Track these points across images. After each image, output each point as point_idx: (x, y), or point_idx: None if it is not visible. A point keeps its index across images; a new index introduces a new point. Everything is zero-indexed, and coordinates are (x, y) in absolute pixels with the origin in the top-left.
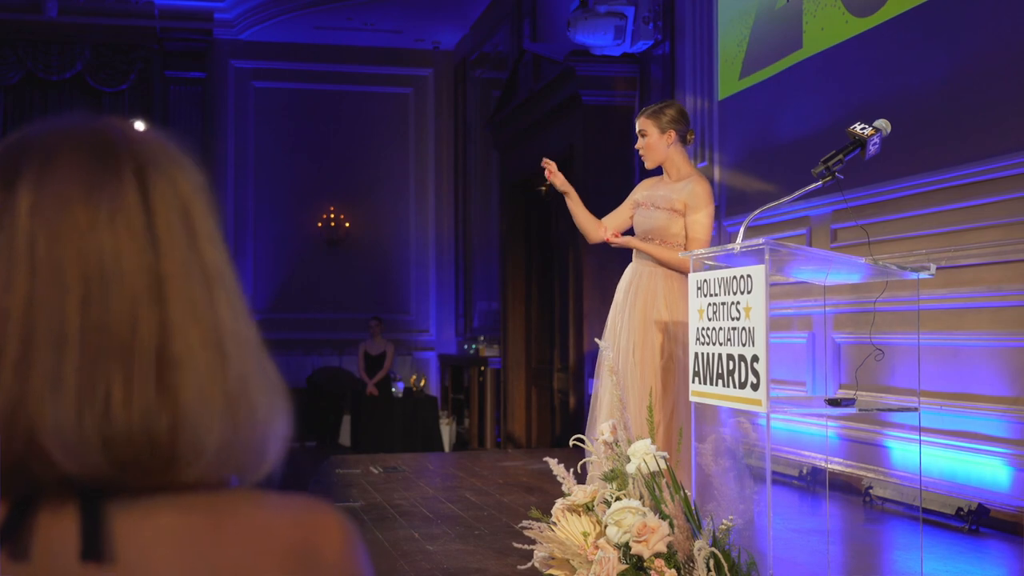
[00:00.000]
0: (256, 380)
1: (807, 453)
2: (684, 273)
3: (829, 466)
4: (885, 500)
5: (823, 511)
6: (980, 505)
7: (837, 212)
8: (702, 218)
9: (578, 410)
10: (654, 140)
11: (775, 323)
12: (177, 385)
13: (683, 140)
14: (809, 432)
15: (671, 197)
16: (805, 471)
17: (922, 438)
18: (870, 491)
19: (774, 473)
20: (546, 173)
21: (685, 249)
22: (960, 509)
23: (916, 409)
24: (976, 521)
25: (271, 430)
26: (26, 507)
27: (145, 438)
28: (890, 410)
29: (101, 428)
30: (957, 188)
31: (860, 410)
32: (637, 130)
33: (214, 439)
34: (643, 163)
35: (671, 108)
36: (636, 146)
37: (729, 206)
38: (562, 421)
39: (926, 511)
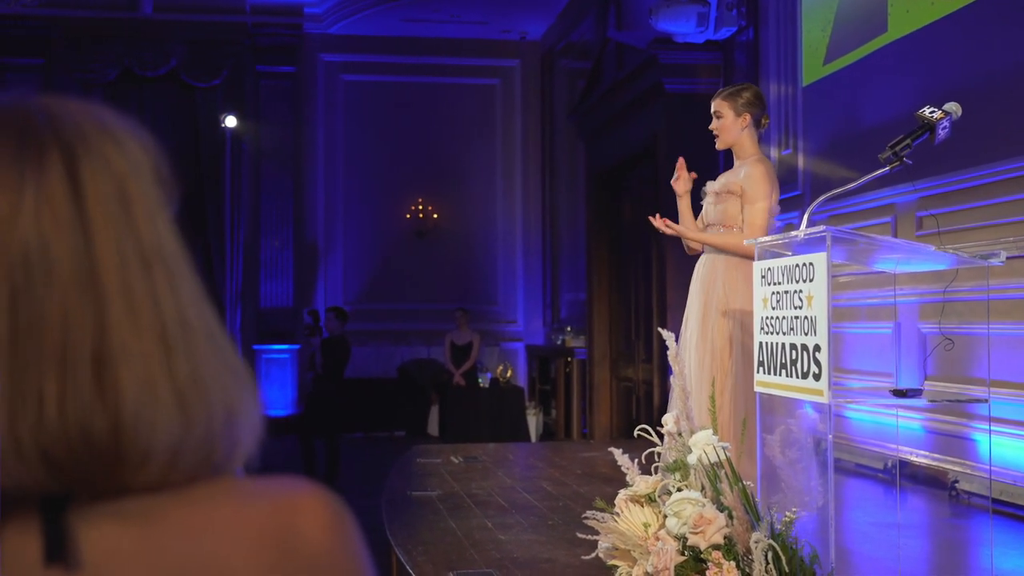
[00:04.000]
0: (210, 370)
1: (892, 446)
2: (746, 258)
3: (912, 459)
4: (971, 494)
5: (906, 504)
6: None
7: (923, 199)
8: (760, 205)
9: (662, 401)
10: (728, 122)
11: (856, 313)
12: (117, 383)
13: (757, 124)
14: (894, 425)
15: (730, 180)
16: (889, 464)
17: (1004, 430)
18: (956, 485)
19: (856, 466)
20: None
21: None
22: None
23: (986, 400)
24: None
25: (235, 421)
26: None
27: (82, 442)
28: (959, 401)
29: (36, 435)
30: None
31: (930, 401)
32: (712, 111)
33: (162, 439)
34: (720, 152)
35: (747, 91)
36: (710, 127)
37: (814, 193)
38: (646, 412)
39: (1017, 506)
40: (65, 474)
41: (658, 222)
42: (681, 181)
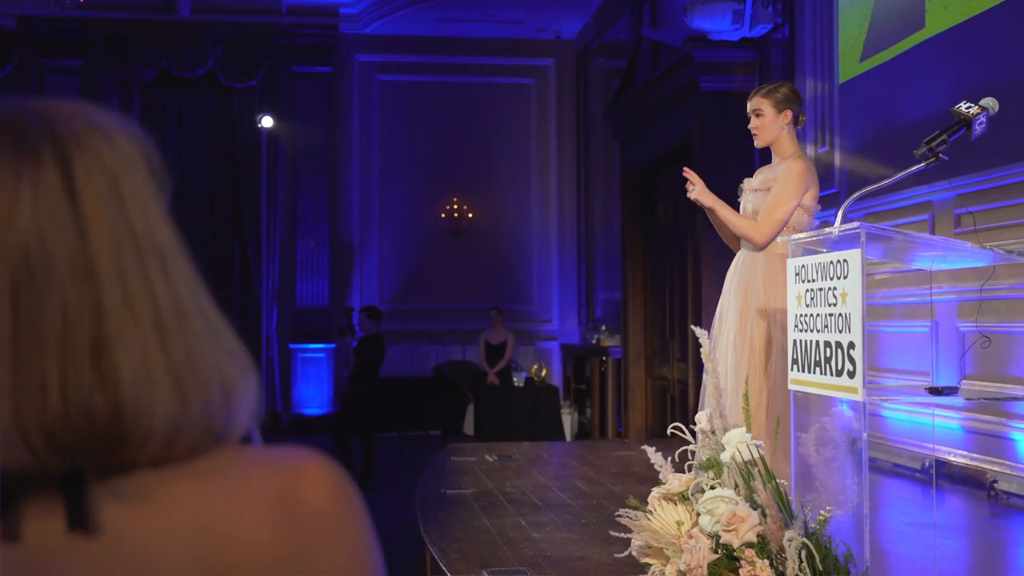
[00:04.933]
0: (206, 351)
1: (929, 446)
2: (752, 242)
3: (950, 458)
4: (1011, 494)
5: (944, 505)
6: None
7: (960, 197)
8: (788, 205)
9: (697, 400)
10: (769, 120)
11: (892, 311)
12: (115, 368)
13: (796, 121)
14: (930, 424)
15: (769, 178)
16: (926, 464)
17: None
18: (995, 485)
19: (893, 465)
20: (688, 188)
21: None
22: None
23: (1022, 398)
24: None
25: (232, 398)
26: (12, 494)
27: (85, 425)
28: (997, 399)
29: (40, 421)
30: None
31: (966, 399)
32: (750, 110)
33: (161, 417)
34: (759, 151)
35: (784, 87)
36: (749, 126)
37: (850, 191)
38: (681, 411)
39: None
40: (71, 456)
41: (693, 183)
42: (698, 188)
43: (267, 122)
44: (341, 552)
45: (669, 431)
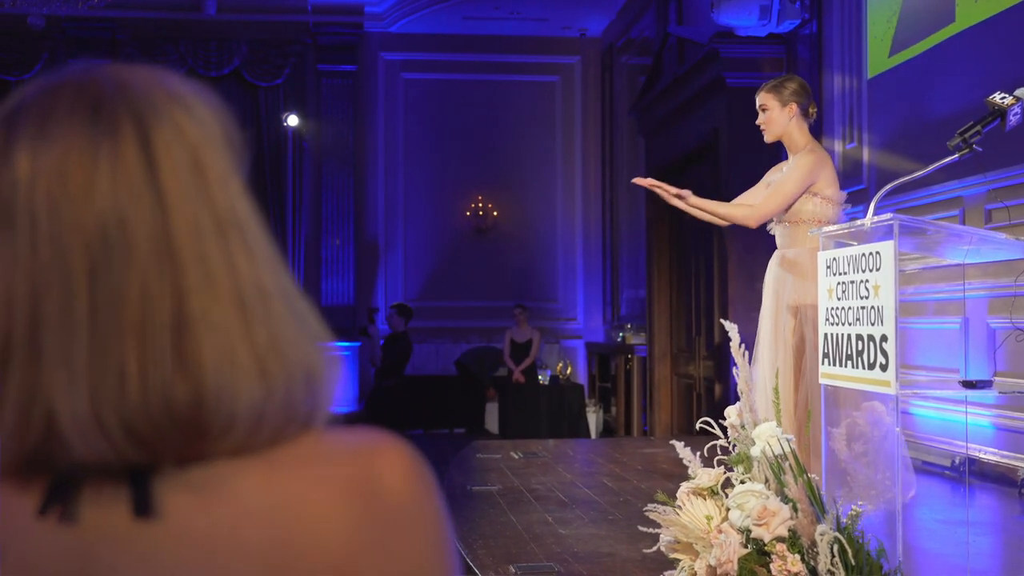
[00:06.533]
0: (289, 335)
1: (960, 443)
2: (747, 226)
3: (981, 456)
4: None
5: (975, 502)
6: None
7: (992, 192)
8: (790, 181)
9: (724, 398)
10: (775, 114)
11: (923, 308)
12: (197, 353)
13: (805, 114)
14: (961, 422)
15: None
16: (957, 461)
17: None
18: None
19: (923, 463)
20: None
21: (784, 211)
22: None
23: None
24: None
25: (314, 384)
26: (71, 478)
27: (165, 414)
28: None
29: (118, 409)
30: None
31: (1000, 393)
32: (758, 105)
33: (245, 406)
34: (784, 147)
35: (792, 81)
36: (757, 121)
37: (879, 188)
38: (707, 409)
39: None
40: (149, 446)
41: (670, 192)
42: (664, 194)
43: (292, 121)
44: (417, 537)
45: (698, 425)
